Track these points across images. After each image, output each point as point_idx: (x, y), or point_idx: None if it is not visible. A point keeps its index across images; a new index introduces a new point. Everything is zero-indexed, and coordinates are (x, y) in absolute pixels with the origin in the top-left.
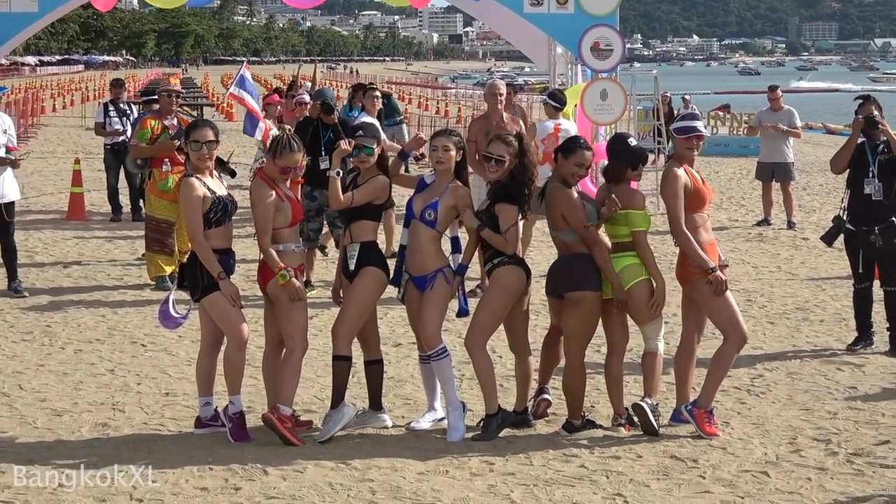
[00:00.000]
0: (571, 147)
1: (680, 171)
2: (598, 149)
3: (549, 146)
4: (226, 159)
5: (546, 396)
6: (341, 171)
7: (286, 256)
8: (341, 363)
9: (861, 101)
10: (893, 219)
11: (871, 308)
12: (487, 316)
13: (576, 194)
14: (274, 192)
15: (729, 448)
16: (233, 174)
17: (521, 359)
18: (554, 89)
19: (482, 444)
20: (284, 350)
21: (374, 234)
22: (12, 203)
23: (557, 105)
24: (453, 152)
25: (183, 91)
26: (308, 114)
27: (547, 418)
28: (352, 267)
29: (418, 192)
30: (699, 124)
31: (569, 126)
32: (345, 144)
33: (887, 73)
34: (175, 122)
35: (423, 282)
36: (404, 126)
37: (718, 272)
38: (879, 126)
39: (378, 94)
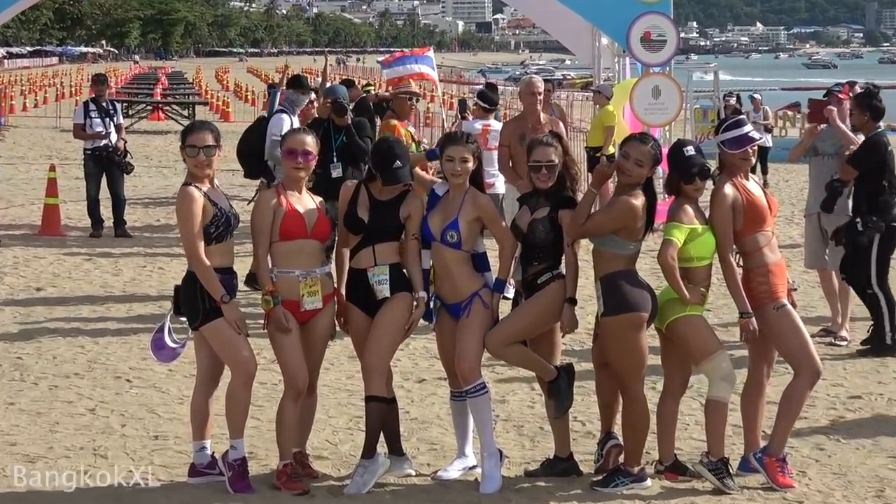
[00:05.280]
0: (625, 139)
1: (728, 189)
2: None
3: None
4: (122, 154)
5: (617, 441)
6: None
7: (283, 283)
8: (376, 405)
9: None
10: None
11: None
12: (522, 325)
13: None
14: (276, 199)
15: (806, 502)
16: (127, 169)
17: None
18: (483, 89)
19: (519, 496)
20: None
21: (398, 255)
22: None
23: (487, 106)
24: (471, 163)
25: (420, 94)
26: (317, 114)
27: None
28: (385, 293)
29: (432, 208)
30: (750, 130)
31: (498, 127)
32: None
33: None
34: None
35: (458, 309)
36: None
37: (752, 321)
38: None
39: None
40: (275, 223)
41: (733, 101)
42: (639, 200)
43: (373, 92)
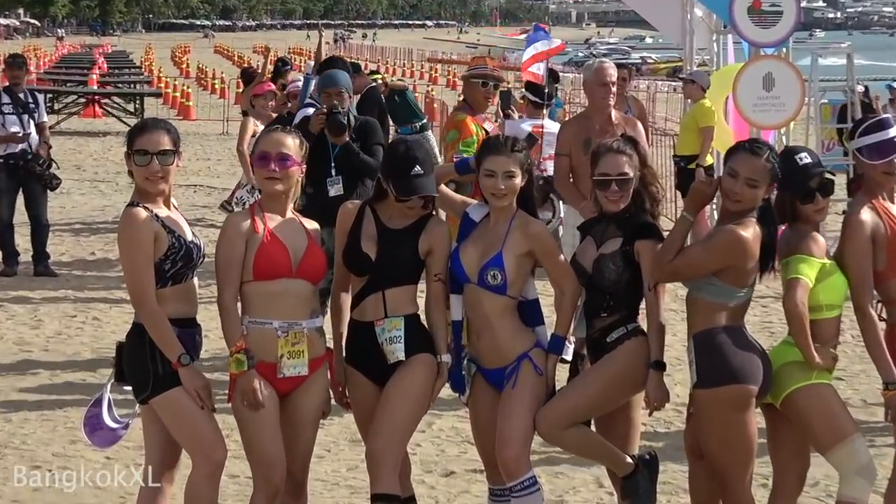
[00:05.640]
0: (731, 150)
1: (866, 215)
2: None
3: None
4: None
5: None
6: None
7: (255, 338)
8: None
9: None
10: None
11: None
12: (587, 399)
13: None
14: (250, 222)
15: None
16: (51, 184)
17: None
18: (529, 83)
19: None
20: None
21: (415, 301)
22: None
23: (539, 100)
24: (519, 178)
25: (503, 78)
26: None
27: None
28: (399, 355)
29: (465, 238)
30: None
31: (554, 128)
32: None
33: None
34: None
35: (500, 376)
36: (431, 133)
37: None
38: None
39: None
40: (247, 256)
41: (860, 90)
42: (750, 232)
43: (381, 80)
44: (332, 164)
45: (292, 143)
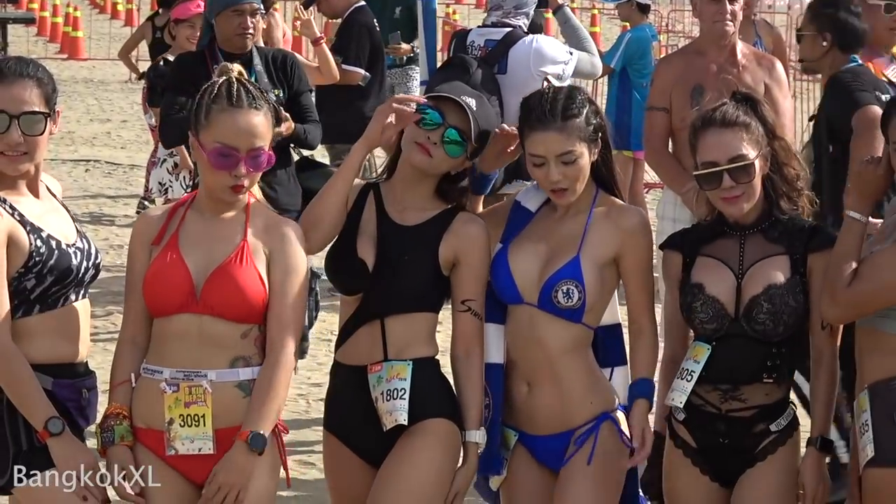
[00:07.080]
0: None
1: None
2: None
3: None
4: None
5: None
6: None
7: (141, 393)
8: None
9: None
10: None
11: None
12: None
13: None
14: (161, 224)
15: None
16: None
17: None
18: None
19: None
20: None
21: (432, 339)
22: None
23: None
24: (585, 157)
25: None
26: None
27: None
28: (400, 418)
29: (514, 234)
30: None
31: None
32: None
33: None
34: None
35: (558, 447)
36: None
37: None
38: None
39: None
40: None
41: None
42: None
43: None
44: None
45: (263, 124)
